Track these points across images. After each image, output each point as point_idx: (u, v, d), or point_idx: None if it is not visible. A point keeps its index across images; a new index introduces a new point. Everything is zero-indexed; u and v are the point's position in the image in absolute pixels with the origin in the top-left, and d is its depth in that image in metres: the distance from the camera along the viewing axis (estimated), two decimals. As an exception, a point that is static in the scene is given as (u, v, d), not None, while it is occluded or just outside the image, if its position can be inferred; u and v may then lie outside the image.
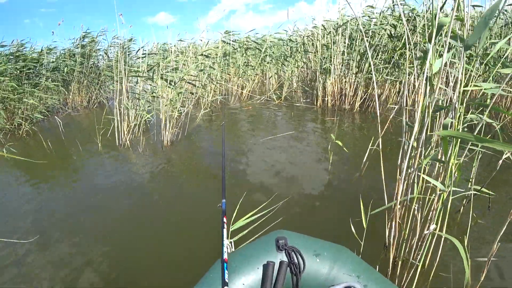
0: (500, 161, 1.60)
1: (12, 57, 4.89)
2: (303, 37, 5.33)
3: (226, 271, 0.74)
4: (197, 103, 5.31)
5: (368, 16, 4.37)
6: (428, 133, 1.11)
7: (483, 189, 1.56)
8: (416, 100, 1.11)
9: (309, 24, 5.03)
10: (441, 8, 1.21)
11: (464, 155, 1.39)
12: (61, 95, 5.94)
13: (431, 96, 1.01)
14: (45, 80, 5.11)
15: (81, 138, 3.71)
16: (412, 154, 1.16)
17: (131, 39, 6.06)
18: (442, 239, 1.25)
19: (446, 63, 1.11)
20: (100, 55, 6.59)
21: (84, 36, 6.03)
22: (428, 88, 1.04)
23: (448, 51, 1.06)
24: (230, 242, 1.00)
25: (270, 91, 5.67)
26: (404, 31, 3.93)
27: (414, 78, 1.19)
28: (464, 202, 1.77)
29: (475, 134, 1.13)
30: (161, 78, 3.22)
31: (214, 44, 6.06)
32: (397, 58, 3.99)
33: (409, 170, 1.19)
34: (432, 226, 1.04)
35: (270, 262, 0.78)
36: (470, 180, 1.64)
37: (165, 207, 2.05)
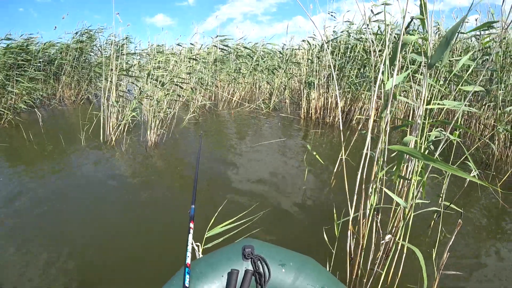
0: (468, 179, 1.64)
1: (20, 51, 4.82)
2: (293, 49, 5.46)
3: (187, 276, 0.74)
4: (186, 106, 5.33)
5: (347, 31, 4.56)
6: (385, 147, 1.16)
7: (452, 205, 1.63)
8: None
9: (306, 37, 5.16)
10: (406, 28, 1.29)
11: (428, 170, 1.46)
12: (50, 87, 5.86)
13: (383, 112, 1.08)
14: (34, 70, 5.04)
15: (65, 132, 3.66)
16: (376, 167, 1.21)
17: (127, 37, 6.07)
18: (405, 250, 1.30)
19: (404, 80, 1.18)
20: (94, 51, 6.56)
21: (84, 32, 6.03)
22: (386, 104, 1.11)
23: (402, 71, 1.13)
24: (198, 246, 1.02)
25: (259, 100, 5.74)
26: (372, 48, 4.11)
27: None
28: (434, 217, 1.84)
29: (438, 151, 1.21)
30: (150, 77, 3.24)
31: (207, 49, 6.12)
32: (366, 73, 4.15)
33: (369, 184, 1.23)
34: (388, 236, 1.09)
35: (235, 270, 0.78)
36: (441, 195, 1.73)
37: (139, 208, 2.04)
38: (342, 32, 4.58)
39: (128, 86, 4.00)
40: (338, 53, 4.42)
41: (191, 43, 5.92)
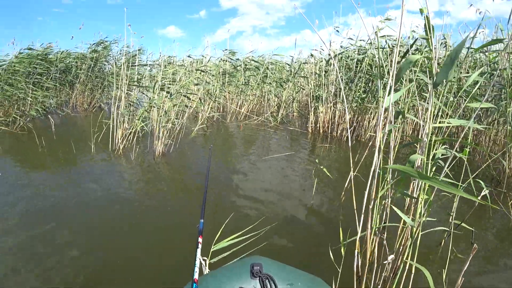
0: (479, 197, 1.60)
1: (40, 60, 5.02)
2: (301, 63, 5.52)
3: None
4: (195, 117, 5.39)
5: (353, 46, 4.62)
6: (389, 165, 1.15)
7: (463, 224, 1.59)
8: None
9: (315, 51, 5.21)
10: (411, 46, 1.29)
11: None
12: (64, 95, 6.03)
13: (383, 130, 1.08)
14: (47, 79, 5.20)
15: (77, 139, 3.73)
16: (383, 185, 1.20)
17: (140, 49, 6.25)
18: (413, 270, 1.27)
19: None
20: (108, 61, 6.76)
21: (100, 42, 6.25)
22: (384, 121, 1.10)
23: (397, 90, 1.13)
24: (204, 260, 1.01)
25: (267, 113, 5.78)
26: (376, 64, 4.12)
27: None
28: (445, 236, 1.80)
29: (445, 169, 1.20)
30: (161, 89, 3.30)
31: (217, 61, 6.24)
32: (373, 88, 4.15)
33: (371, 202, 1.21)
34: (390, 257, 1.07)
35: None
36: (451, 214, 1.68)
37: (144, 220, 2.03)
38: (346, 48, 4.64)
39: (138, 96, 4.07)
40: (344, 68, 4.46)
41: (202, 55, 6.05)
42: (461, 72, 3.92)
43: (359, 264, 1.30)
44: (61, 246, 1.68)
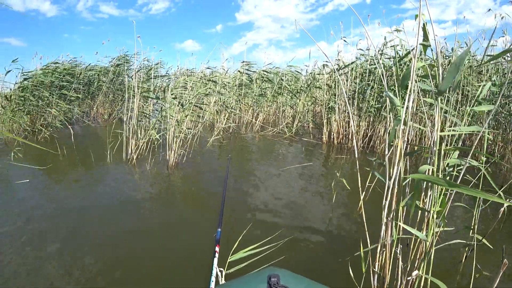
0: (502, 209, 1.51)
1: (66, 73, 5.31)
2: (315, 74, 5.52)
3: None
4: (211, 128, 5.46)
5: (363, 56, 4.60)
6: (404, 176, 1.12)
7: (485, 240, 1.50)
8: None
9: (330, 62, 5.24)
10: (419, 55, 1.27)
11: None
12: (86, 107, 6.27)
13: (392, 139, 1.05)
14: (69, 91, 5.44)
15: (95, 149, 3.85)
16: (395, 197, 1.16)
17: (159, 62, 6.46)
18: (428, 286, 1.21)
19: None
20: (129, 74, 7.02)
21: (121, 57, 6.52)
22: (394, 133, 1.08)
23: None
24: (221, 272, 1.01)
25: (282, 124, 5.78)
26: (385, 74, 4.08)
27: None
28: (466, 251, 1.69)
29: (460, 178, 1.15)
30: (173, 98, 3.35)
31: (234, 73, 6.34)
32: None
33: (390, 214, 1.17)
34: (415, 273, 1.03)
35: None
36: (472, 227, 1.58)
37: (159, 231, 2.03)
38: (357, 58, 4.64)
39: (151, 106, 4.17)
40: (358, 78, 4.43)
41: (222, 67, 6.18)
42: (481, 80, 3.82)
43: (375, 278, 1.26)
44: (69, 255, 1.71)
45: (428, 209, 1.14)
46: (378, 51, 4.21)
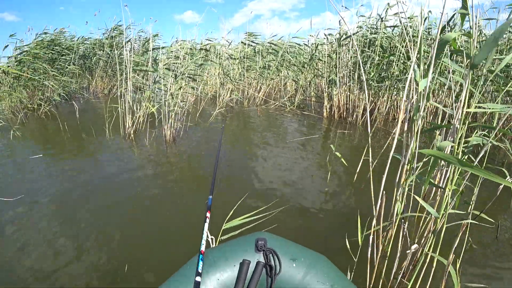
0: (501, 187, 1.52)
1: (51, 44, 5.17)
2: (317, 45, 5.27)
3: (201, 262, 0.77)
4: (213, 102, 5.38)
5: (366, 25, 4.39)
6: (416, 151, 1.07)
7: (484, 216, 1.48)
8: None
9: (335, 31, 4.96)
10: (448, 23, 1.17)
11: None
12: (85, 81, 6.18)
13: (416, 114, 0.99)
14: (70, 65, 5.35)
15: (95, 124, 3.83)
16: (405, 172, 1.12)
17: (157, 34, 6.26)
18: (434, 263, 1.20)
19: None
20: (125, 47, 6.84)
21: (114, 28, 6.28)
22: (418, 106, 1.01)
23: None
24: (212, 239, 1.02)
25: (284, 98, 5.67)
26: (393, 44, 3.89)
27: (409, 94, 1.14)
28: (462, 225, 1.70)
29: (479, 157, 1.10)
30: (166, 68, 3.24)
31: (236, 45, 6.12)
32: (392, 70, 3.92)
33: (396, 188, 1.14)
34: (414, 246, 1.01)
35: (247, 261, 0.79)
36: (470, 203, 1.56)
37: (155, 202, 2.06)
38: (360, 26, 4.42)
39: (146, 80, 4.08)
40: (359, 47, 4.23)
41: (222, 38, 5.94)
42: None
43: (375, 253, 1.24)
44: (71, 224, 1.75)
45: (443, 187, 1.09)
46: (379, 18, 4.00)
